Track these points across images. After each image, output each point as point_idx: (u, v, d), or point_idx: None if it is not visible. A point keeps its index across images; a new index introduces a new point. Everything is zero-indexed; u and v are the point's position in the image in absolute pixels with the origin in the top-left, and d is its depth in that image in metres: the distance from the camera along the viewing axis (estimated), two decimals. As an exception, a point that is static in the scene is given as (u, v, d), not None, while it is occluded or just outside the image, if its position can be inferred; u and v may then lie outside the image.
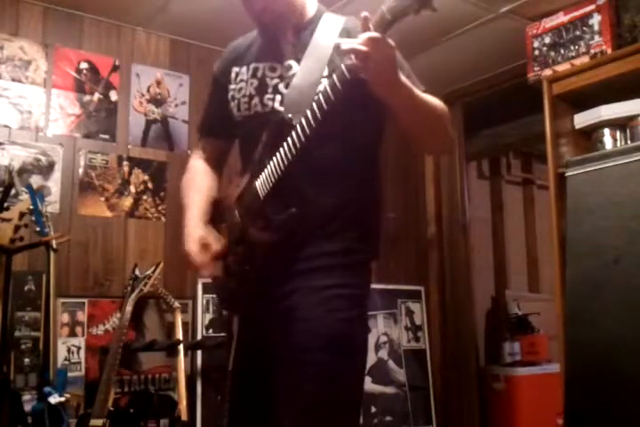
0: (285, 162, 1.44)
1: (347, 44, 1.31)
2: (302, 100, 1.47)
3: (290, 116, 1.46)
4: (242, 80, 1.63)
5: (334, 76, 1.37)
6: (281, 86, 1.55)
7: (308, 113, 1.40)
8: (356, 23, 1.45)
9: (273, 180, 1.47)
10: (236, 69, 1.66)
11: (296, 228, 1.45)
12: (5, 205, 2.47)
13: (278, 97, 1.55)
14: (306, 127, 1.41)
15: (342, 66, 1.36)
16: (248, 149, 1.62)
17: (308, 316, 1.41)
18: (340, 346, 1.40)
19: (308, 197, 1.49)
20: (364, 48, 1.29)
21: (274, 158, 1.46)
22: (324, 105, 1.38)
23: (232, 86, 1.65)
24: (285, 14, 1.56)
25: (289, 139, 1.43)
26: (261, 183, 1.50)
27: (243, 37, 1.75)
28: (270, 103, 1.56)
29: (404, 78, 1.38)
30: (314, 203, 1.49)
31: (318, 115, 1.39)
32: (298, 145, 1.42)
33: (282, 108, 1.52)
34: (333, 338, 1.40)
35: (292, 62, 1.56)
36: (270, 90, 1.56)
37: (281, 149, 1.45)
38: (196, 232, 1.59)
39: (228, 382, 1.60)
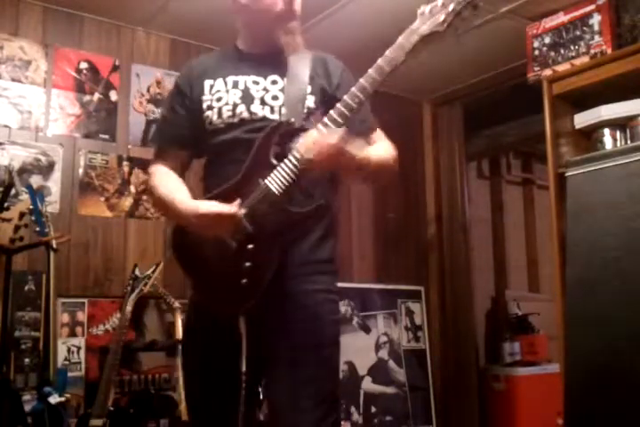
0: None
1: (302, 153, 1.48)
2: (296, 110, 1.63)
3: (292, 119, 1.59)
4: (219, 91, 1.71)
5: (362, 82, 1.50)
6: (267, 97, 1.67)
7: (328, 120, 1.50)
8: (327, 56, 1.77)
9: (290, 178, 1.52)
10: (209, 82, 1.73)
11: (319, 220, 1.63)
12: (5, 205, 2.47)
13: (267, 107, 1.66)
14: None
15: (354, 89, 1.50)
16: (232, 153, 1.64)
17: (315, 316, 1.60)
18: (336, 342, 1.65)
19: (312, 199, 1.59)
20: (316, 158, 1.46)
21: (291, 158, 1.52)
22: (347, 113, 1.50)
23: (206, 97, 1.72)
24: (283, 21, 1.71)
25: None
26: (274, 181, 1.53)
27: (204, 56, 1.90)
28: (260, 112, 1.66)
29: (356, 152, 1.52)
30: (316, 204, 1.57)
31: (341, 122, 1.50)
32: None
33: (273, 117, 1.64)
34: (333, 335, 1.64)
35: (275, 77, 1.70)
36: (258, 101, 1.67)
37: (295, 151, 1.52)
38: (203, 202, 1.55)
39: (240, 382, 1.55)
